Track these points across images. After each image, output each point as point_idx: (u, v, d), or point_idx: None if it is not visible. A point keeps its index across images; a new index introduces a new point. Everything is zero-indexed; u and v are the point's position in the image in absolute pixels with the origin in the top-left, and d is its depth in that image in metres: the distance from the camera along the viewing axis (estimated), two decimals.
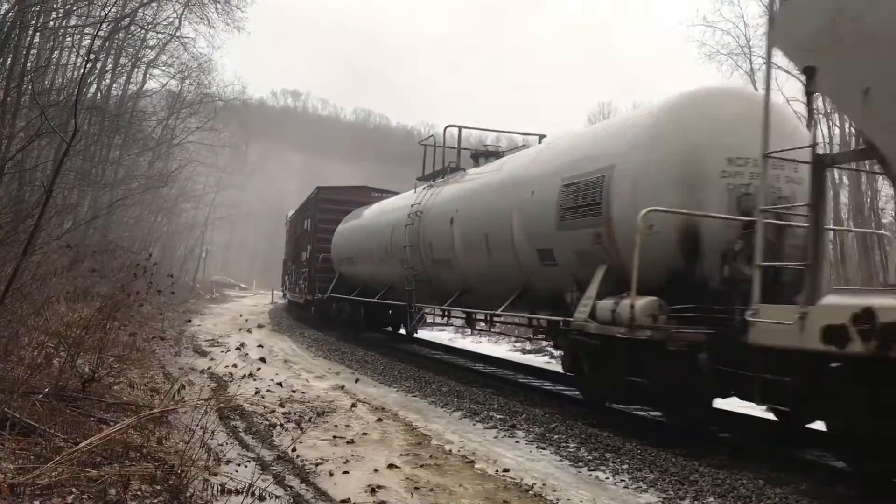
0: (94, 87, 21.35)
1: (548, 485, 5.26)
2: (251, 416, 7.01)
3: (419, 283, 13.28)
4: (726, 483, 5.45)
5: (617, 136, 8.12)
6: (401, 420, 7.52)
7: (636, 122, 7.97)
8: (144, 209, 28.41)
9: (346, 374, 11.33)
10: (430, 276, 12.71)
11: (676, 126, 7.16)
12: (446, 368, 12.53)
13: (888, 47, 4.85)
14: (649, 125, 7.51)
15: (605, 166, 7.69)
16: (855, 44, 5.06)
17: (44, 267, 8.08)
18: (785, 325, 5.32)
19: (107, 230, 21.97)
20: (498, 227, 9.90)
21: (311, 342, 16.73)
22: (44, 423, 4.64)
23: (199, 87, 29.79)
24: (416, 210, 13.31)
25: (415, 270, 13.24)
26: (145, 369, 9.04)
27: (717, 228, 6.65)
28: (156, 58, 25.65)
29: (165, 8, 22.82)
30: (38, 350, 6.37)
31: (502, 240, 9.77)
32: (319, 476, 5.09)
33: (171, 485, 4.04)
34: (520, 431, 7.27)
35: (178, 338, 14.24)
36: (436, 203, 12.75)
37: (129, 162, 25.14)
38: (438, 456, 5.99)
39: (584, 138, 9.23)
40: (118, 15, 19.62)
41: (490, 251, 10.23)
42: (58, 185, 12.89)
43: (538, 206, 8.89)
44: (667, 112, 7.48)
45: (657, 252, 6.72)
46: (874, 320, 4.69)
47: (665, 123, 7.30)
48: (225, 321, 22.74)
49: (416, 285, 13.38)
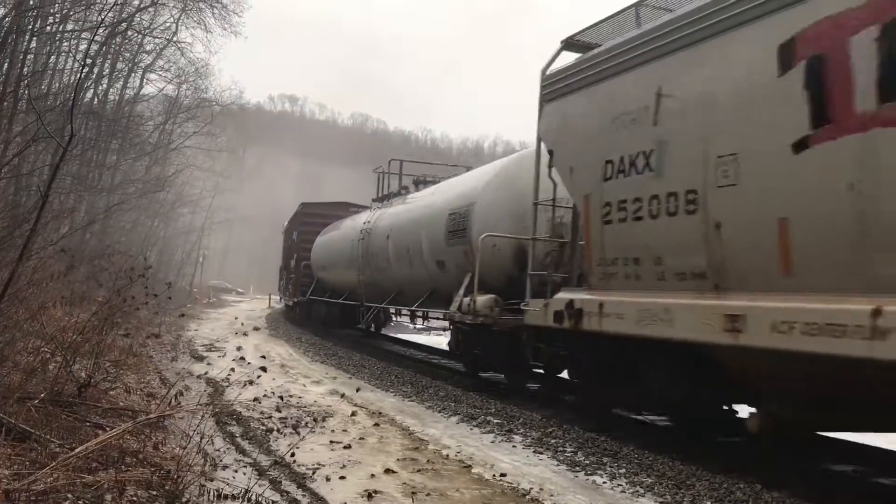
0: (91, 92, 21.34)
1: (545, 489, 5.25)
2: (248, 421, 6.99)
3: (368, 286, 16.50)
4: (723, 487, 5.45)
5: (478, 181, 11.43)
6: (398, 425, 7.51)
7: (489, 172, 11.45)
8: (141, 214, 28.37)
9: (343, 378, 11.32)
10: (376, 281, 15.81)
11: (509, 177, 10.44)
12: (443, 373, 12.55)
13: (581, 140, 7.49)
14: (493, 175, 10.98)
15: (470, 203, 11.00)
16: (568, 138, 7.82)
17: (40, 272, 8.07)
18: (537, 311, 8.06)
19: (104, 235, 21.92)
20: (415, 243, 13.06)
21: (308, 347, 16.72)
22: (39, 429, 4.62)
23: (196, 92, 29.79)
24: (367, 227, 16.39)
25: (365, 276, 16.41)
26: (142, 374, 9.02)
27: (538, 246, 8.88)
28: (153, 62, 25.65)
29: (162, 13, 22.86)
30: (33, 355, 6.35)
31: (417, 253, 12.94)
32: (316, 481, 5.08)
33: (167, 490, 4.03)
34: (517, 436, 7.27)
35: (175, 342, 14.22)
36: (379, 222, 15.81)
37: (126, 166, 25.08)
38: (436, 461, 5.98)
39: (463, 180, 12.82)
40: (115, 20, 19.62)
41: (411, 262, 13.39)
42: (54, 190, 12.87)
43: (435, 229, 12.05)
44: (503, 168, 11.02)
45: (499, 263, 9.97)
46: (573, 307, 7.34)
47: (502, 176, 10.72)
48: (222, 326, 22.71)
49: (366, 288, 16.65)
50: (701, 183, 5.84)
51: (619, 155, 6.80)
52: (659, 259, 6.41)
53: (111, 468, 4.19)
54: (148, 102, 28.44)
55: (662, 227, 6.30)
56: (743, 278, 5.60)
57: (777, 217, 5.20)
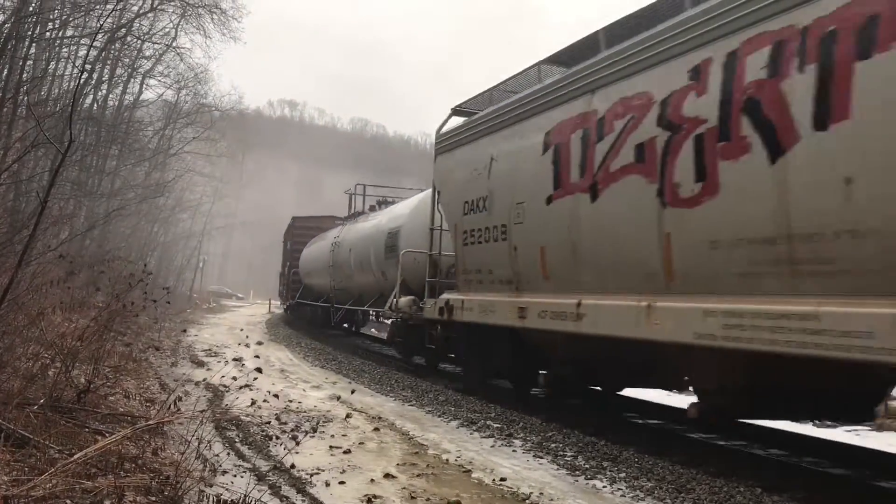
0: (90, 98, 21.38)
1: (545, 494, 5.25)
2: (247, 426, 6.98)
3: (337, 291, 19.91)
4: (723, 491, 5.44)
5: (406, 208, 15.01)
6: (398, 429, 7.51)
7: (413, 202, 14.75)
8: (141, 219, 28.36)
9: (342, 383, 11.31)
10: (344, 286, 19.26)
11: (425, 207, 12.30)
12: (443, 378, 12.53)
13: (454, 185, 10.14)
14: (415, 206, 14.05)
15: (399, 226, 14.39)
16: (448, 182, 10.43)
17: (39, 277, 8.07)
18: (430, 308, 10.67)
19: (103, 240, 21.91)
20: (366, 256, 16.43)
21: (308, 351, 16.71)
22: (38, 435, 4.62)
23: (196, 98, 29.82)
24: (336, 241, 19.92)
25: (335, 282, 19.84)
26: (141, 380, 9.01)
27: (443, 259, 11.03)
28: (152, 68, 25.70)
29: (162, 18, 22.93)
30: (33, 361, 6.35)
31: (368, 264, 16.32)
32: (315, 486, 5.08)
33: (166, 496, 4.02)
34: (517, 440, 7.26)
35: (175, 348, 14.21)
36: (345, 238, 19.33)
37: (126, 172, 25.09)
38: (435, 465, 5.97)
39: (399, 206, 16.21)
40: (114, 25, 19.67)
41: (364, 271, 16.84)
42: (54, 196, 12.88)
43: (379, 246, 15.49)
44: (422, 199, 13.72)
45: (418, 272, 11.90)
46: (448, 304, 10.02)
47: (420, 206, 13.37)
48: (222, 331, 22.70)
49: (336, 293, 20.04)
50: (508, 220, 8.65)
51: (471, 198, 9.54)
52: (490, 271, 9.23)
53: (110, 474, 4.19)
54: (147, 108, 28.45)
55: (491, 249, 9.12)
56: (528, 283, 8.41)
57: (539, 244, 8.04)
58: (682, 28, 6.09)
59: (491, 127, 9.29)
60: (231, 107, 34.03)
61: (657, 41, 6.40)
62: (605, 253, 7.05)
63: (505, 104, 9.11)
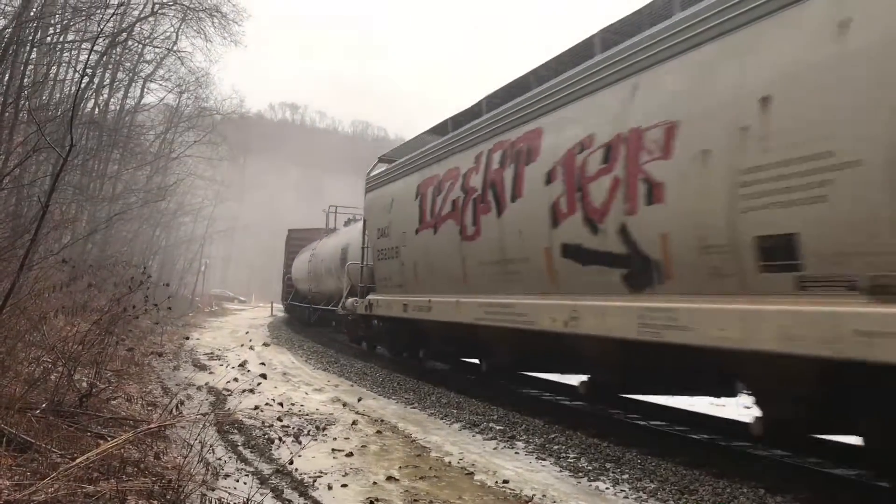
0: (91, 102, 21.39)
1: (548, 496, 5.24)
2: (250, 429, 6.98)
3: (314, 294, 24.50)
4: (727, 492, 5.43)
5: (353, 229, 19.55)
6: (400, 432, 7.50)
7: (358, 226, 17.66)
8: (143, 223, 28.39)
9: (345, 386, 11.31)
10: (319, 290, 23.55)
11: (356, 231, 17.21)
12: (444, 379, 12.53)
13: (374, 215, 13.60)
14: (357, 229, 17.46)
15: (347, 242, 19.28)
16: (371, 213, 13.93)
17: (41, 282, 8.07)
18: (360, 306, 13.98)
19: (105, 245, 21.94)
20: (331, 265, 20.92)
21: (310, 355, 16.71)
22: (40, 439, 4.61)
23: (197, 101, 29.86)
24: (314, 253, 24.53)
25: (312, 286, 24.57)
26: (144, 384, 9.01)
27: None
28: (153, 72, 25.73)
29: (162, 22, 22.94)
30: (35, 365, 6.34)
31: (331, 272, 20.81)
32: (318, 489, 5.07)
33: (168, 500, 4.02)
34: (519, 442, 7.25)
35: (177, 352, 14.20)
36: (319, 250, 23.87)
37: (128, 176, 25.12)
38: (438, 468, 5.97)
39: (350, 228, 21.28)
40: (115, 30, 19.70)
41: (330, 277, 21.07)
42: (55, 200, 12.89)
43: (336, 258, 20.13)
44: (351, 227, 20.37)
45: (360, 278, 14.58)
46: (370, 303, 13.44)
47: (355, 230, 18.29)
48: (224, 335, 22.69)
49: (313, 295, 24.68)
50: (398, 244, 12.07)
51: (381, 226, 13.02)
52: (391, 278, 12.60)
53: (112, 478, 4.18)
54: (148, 112, 28.47)
55: (391, 263, 12.51)
56: (409, 287, 11.75)
57: (413, 261, 11.49)
58: (474, 129, 9.71)
59: (392, 177, 12.97)
60: (232, 110, 34.08)
61: (464, 135, 10.05)
62: (441, 268, 10.51)
63: (399, 163, 12.85)
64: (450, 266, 10.02)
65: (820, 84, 4.55)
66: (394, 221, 12.30)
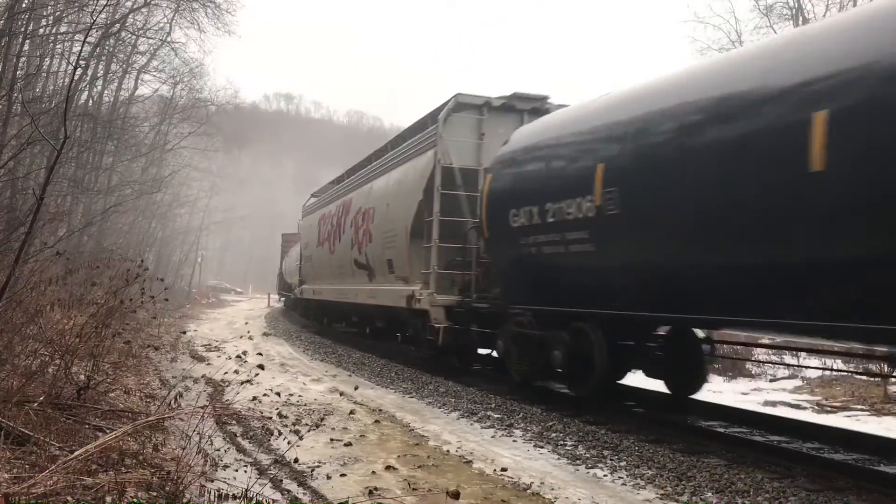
0: (85, 94, 21.30)
1: (546, 483, 5.26)
2: (248, 420, 6.98)
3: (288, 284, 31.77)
4: (724, 478, 5.46)
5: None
6: (398, 421, 7.51)
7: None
8: (138, 215, 28.35)
9: (343, 376, 11.32)
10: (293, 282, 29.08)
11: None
12: (443, 369, 12.57)
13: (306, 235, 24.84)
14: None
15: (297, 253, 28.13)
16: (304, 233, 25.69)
17: (37, 275, 8.06)
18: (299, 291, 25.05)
19: (101, 237, 21.90)
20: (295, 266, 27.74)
21: (307, 345, 16.73)
22: (39, 432, 4.62)
23: (191, 92, 29.73)
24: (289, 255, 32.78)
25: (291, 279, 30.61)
26: (141, 376, 9.02)
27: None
28: (147, 63, 25.60)
29: (156, 13, 22.78)
30: (32, 358, 6.34)
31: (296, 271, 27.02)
32: (317, 479, 5.09)
33: (167, 491, 4.02)
34: (517, 430, 7.27)
35: (175, 344, 14.21)
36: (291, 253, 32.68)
37: (122, 168, 25.04)
38: (436, 456, 5.98)
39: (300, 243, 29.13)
40: (108, 21, 19.57)
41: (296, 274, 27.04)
42: (50, 193, 12.85)
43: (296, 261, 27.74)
44: None
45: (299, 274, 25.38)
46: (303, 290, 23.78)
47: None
48: (221, 326, 22.72)
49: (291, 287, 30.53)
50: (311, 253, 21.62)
51: (306, 241, 22.60)
52: (308, 274, 22.18)
53: (111, 470, 4.19)
54: (143, 103, 28.36)
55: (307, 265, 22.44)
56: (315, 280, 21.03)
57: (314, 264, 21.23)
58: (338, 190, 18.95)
59: (312, 209, 22.21)
60: (227, 101, 33.98)
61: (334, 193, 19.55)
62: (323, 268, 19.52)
63: (314, 202, 22.40)
64: (326, 268, 19.21)
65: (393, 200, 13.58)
66: (310, 239, 21.67)
